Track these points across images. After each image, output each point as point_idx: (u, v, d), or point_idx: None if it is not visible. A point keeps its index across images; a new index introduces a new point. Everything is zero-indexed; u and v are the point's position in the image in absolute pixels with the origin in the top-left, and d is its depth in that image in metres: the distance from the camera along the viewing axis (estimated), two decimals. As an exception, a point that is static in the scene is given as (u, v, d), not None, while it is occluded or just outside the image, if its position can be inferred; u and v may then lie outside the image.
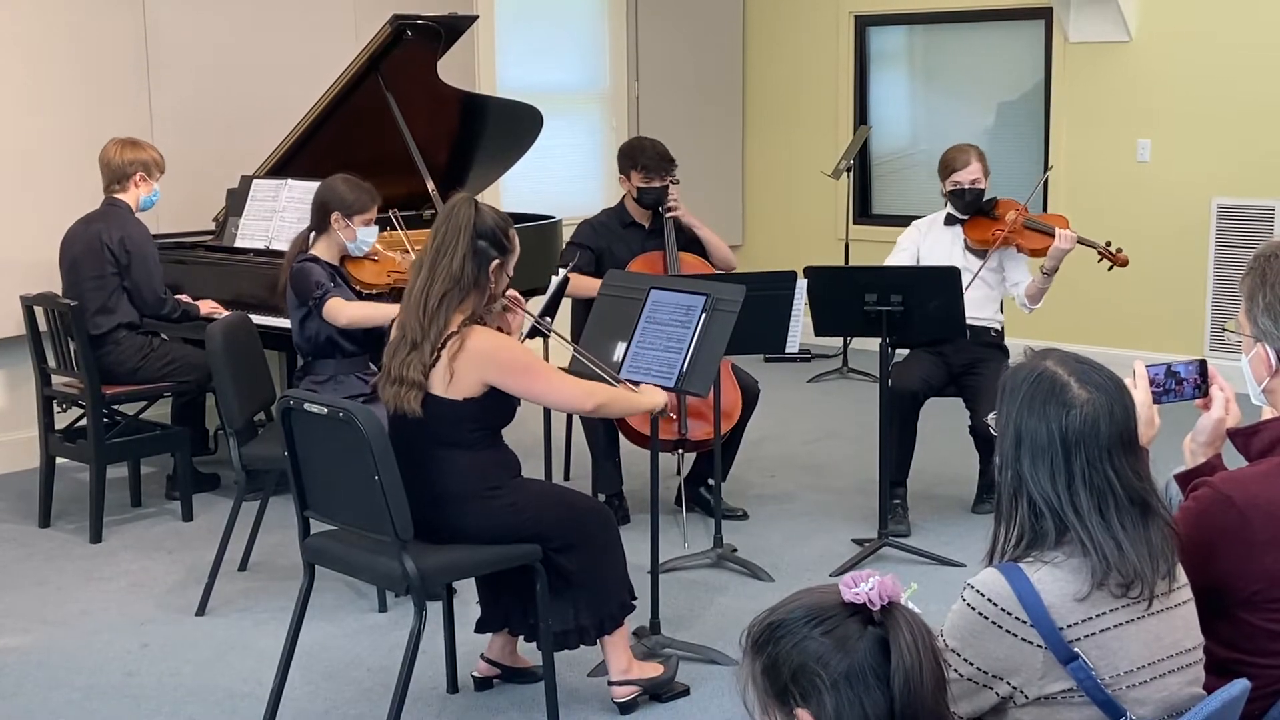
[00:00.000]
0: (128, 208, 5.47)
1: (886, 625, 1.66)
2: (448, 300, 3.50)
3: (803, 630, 1.68)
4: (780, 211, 9.14)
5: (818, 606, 1.70)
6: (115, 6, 6.28)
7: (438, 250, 3.54)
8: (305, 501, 3.68)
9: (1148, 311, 7.64)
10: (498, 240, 3.58)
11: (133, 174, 5.45)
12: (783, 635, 1.69)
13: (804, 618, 1.69)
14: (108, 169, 5.46)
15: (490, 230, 3.57)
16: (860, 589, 1.67)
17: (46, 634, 4.44)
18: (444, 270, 3.51)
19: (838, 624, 1.67)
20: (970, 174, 5.43)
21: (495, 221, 3.59)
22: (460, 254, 3.51)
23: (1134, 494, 2.09)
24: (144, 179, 5.48)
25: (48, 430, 5.47)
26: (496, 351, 3.51)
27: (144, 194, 5.50)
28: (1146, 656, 2.06)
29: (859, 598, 1.67)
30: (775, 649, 1.69)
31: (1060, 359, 2.14)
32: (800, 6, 8.88)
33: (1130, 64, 7.67)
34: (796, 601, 1.73)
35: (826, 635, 1.66)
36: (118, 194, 5.47)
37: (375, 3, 6.75)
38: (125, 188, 5.46)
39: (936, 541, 5.09)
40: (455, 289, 3.51)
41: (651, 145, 5.51)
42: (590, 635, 3.73)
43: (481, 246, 3.55)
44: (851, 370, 7.99)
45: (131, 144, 5.50)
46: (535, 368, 3.60)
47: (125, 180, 5.45)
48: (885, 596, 1.66)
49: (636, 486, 5.40)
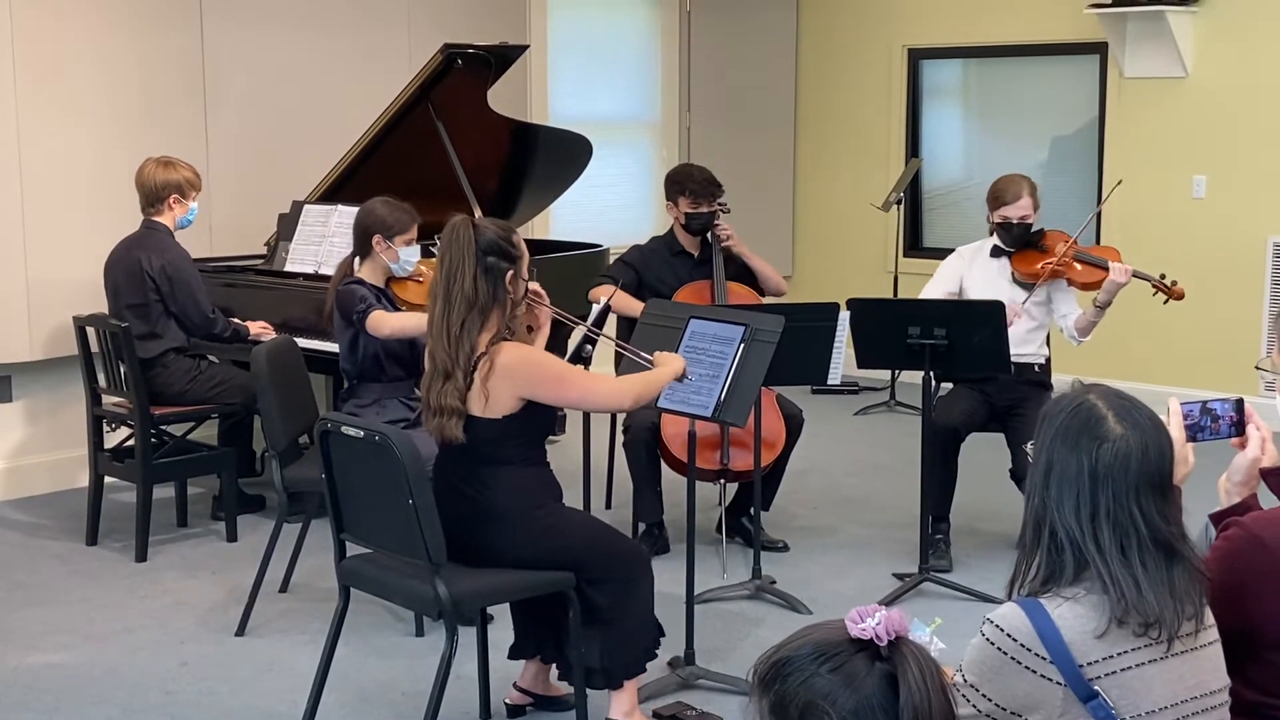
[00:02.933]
0: (166, 230, 5.51)
1: (894, 661, 1.63)
2: (469, 324, 3.51)
3: (810, 667, 1.66)
4: (830, 243, 9.12)
5: (824, 643, 1.68)
6: (173, 30, 6.39)
7: (448, 276, 3.54)
8: (341, 524, 3.70)
9: (1201, 350, 7.55)
10: (504, 251, 3.58)
11: (166, 197, 5.48)
12: (790, 672, 1.67)
13: (811, 654, 1.67)
14: (143, 190, 5.51)
15: (494, 244, 3.56)
16: (866, 624, 1.64)
17: (88, 651, 4.48)
18: (459, 295, 3.51)
19: (845, 660, 1.65)
20: (1020, 209, 5.33)
21: (496, 233, 3.58)
22: (470, 275, 3.51)
23: (1158, 536, 2.06)
24: (178, 200, 5.51)
25: (97, 449, 5.54)
26: (527, 365, 3.52)
27: (180, 215, 5.53)
28: (1170, 697, 2.04)
29: (865, 633, 1.64)
30: (782, 686, 1.67)
31: (1103, 394, 2.13)
32: (853, 39, 8.89)
33: (1186, 100, 7.60)
34: (803, 638, 1.71)
35: (834, 672, 1.64)
36: (155, 216, 5.51)
37: (430, 31, 6.82)
38: (160, 210, 5.50)
39: (979, 578, 5.04)
40: (474, 311, 3.52)
41: (698, 170, 5.52)
42: (616, 678, 3.72)
43: (490, 262, 3.55)
44: (898, 404, 7.95)
45: (165, 164, 5.51)
46: (567, 375, 3.60)
47: (160, 204, 5.49)
48: (892, 631, 1.64)
49: (677, 516, 5.38)
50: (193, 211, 5.59)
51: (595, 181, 7.19)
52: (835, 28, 8.95)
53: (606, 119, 8.16)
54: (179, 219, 5.55)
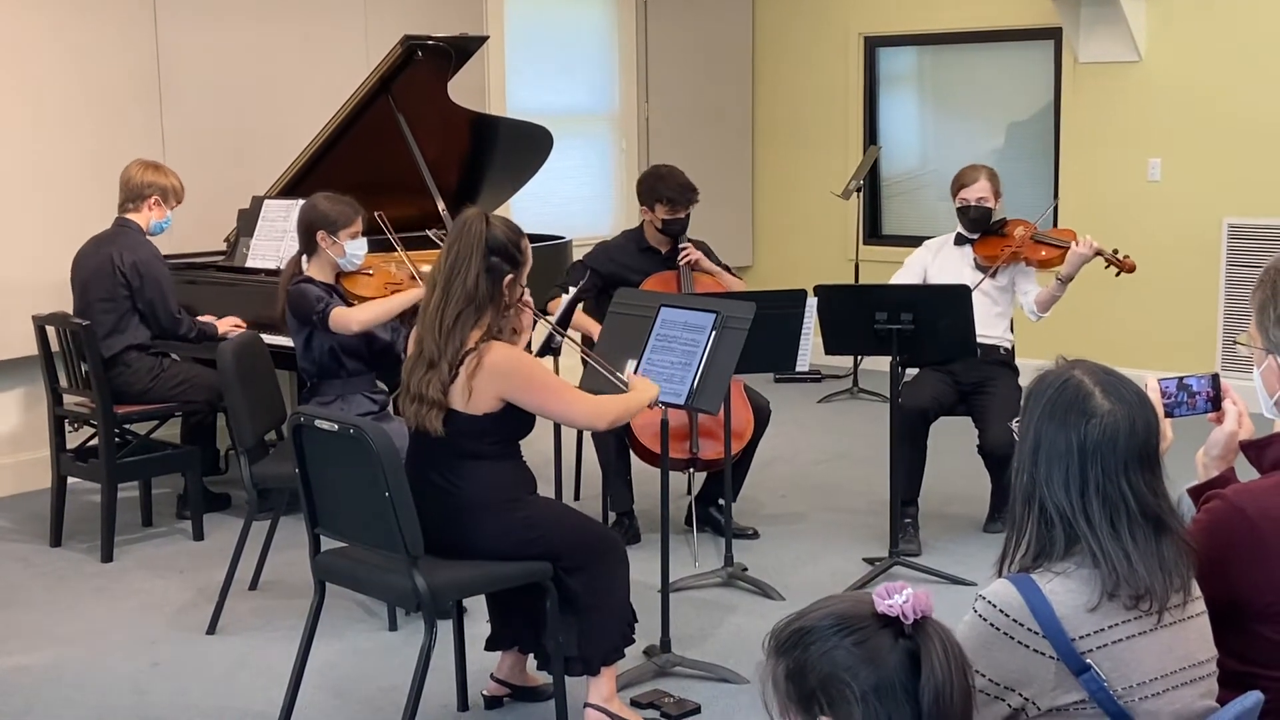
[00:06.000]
0: (138, 229, 5.48)
1: (918, 639, 1.62)
2: (464, 318, 3.51)
3: (832, 639, 1.64)
4: (790, 232, 9.14)
5: (848, 615, 1.67)
6: (127, 28, 6.32)
7: (452, 268, 3.54)
8: (316, 518, 3.68)
9: (1160, 331, 7.62)
10: (510, 254, 3.58)
11: (148, 196, 5.46)
12: (811, 642, 1.66)
13: (833, 626, 1.66)
14: (125, 187, 5.47)
15: (503, 245, 3.57)
16: (894, 601, 1.64)
17: (57, 653, 4.43)
18: (459, 288, 3.51)
19: (869, 635, 1.64)
20: (977, 191, 5.45)
21: (507, 235, 3.59)
22: (474, 271, 3.52)
23: (1147, 509, 2.08)
24: (158, 203, 5.49)
25: (59, 450, 5.47)
26: (514, 368, 3.52)
27: (155, 218, 5.51)
28: (1159, 668, 2.05)
29: (893, 610, 1.63)
30: (803, 654, 1.66)
31: (1089, 369, 2.13)
32: (810, 28, 8.91)
33: (1140, 84, 7.67)
34: (825, 608, 1.69)
35: (857, 646, 1.63)
36: (130, 214, 5.48)
37: (386, 24, 6.78)
38: (139, 208, 5.47)
39: (948, 561, 5.07)
40: (470, 307, 3.51)
41: (673, 176, 5.44)
42: (594, 665, 3.71)
43: (495, 262, 3.55)
44: (862, 390, 7.98)
45: (154, 167, 5.52)
46: (551, 385, 3.61)
47: (140, 201, 5.46)
48: (919, 610, 1.64)
49: (647, 506, 5.40)
50: (168, 220, 5.56)
51: (555, 174, 7.17)
52: (792, 16, 8.97)
53: (565, 111, 8.13)
54: (153, 223, 5.51)
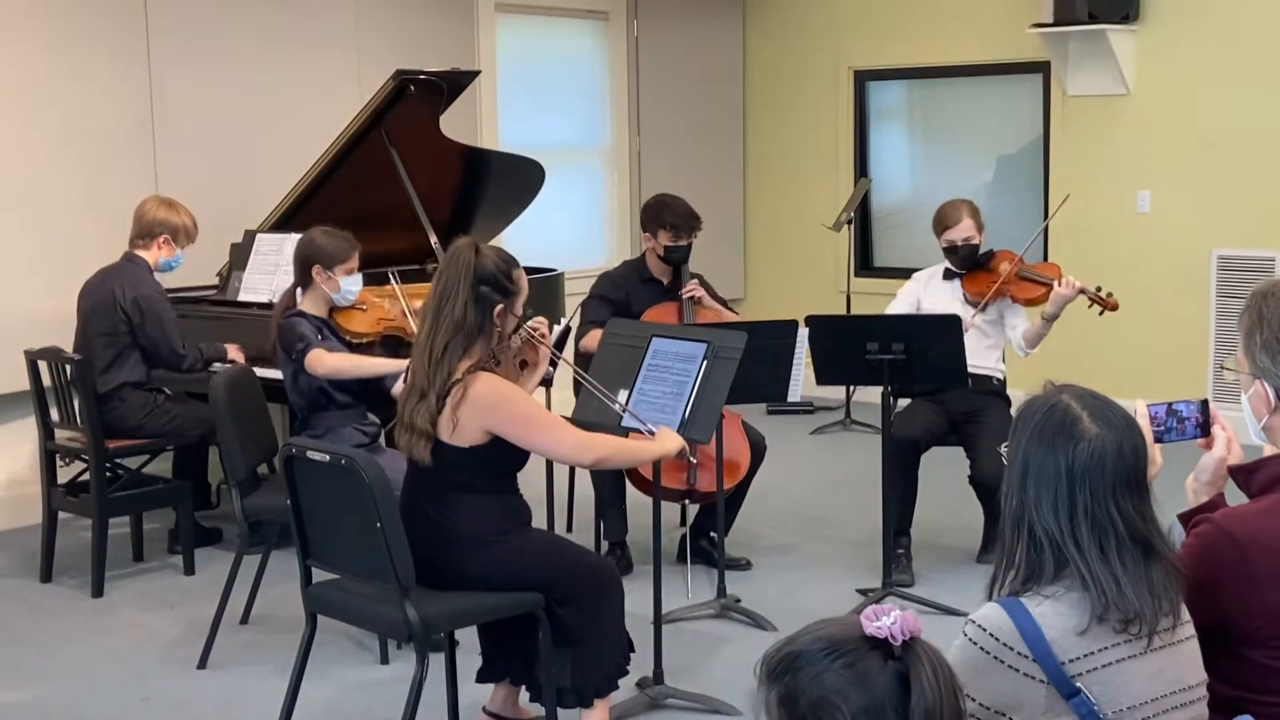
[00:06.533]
0: (145, 265, 5.48)
1: (908, 661, 1.63)
2: (452, 348, 3.50)
3: (822, 662, 1.65)
4: (781, 264, 9.17)
5: (837, 639, 1.67)
6: (121, 63, 6.34)
7: (441, 297, 3.54)
8: (307, 550, 3.67)
9: (1150, 362, 7.64)
10: (500, 284, 3.58)
11: (158, 235, 5.47)
12: (801, 666, 1.66)
13: (823, 650, 1.66)
14: (139, 222, 5.49)
15: (492, 275, 3.57)
16: (883, 623, 1.64)
17: (48, 688, 4.41)
18: (447, 318, 3.51)
19: (858, 658, 1.64)
20: (962, 231, 5.48)
21: (497, 265, 3.59)
22: (462, 301, 3.51)
23: (1136, 533, 2.08)
24: (168, 242, 5.49)
25: (50, 485, 5.46)
26: (498, 401, 3.50)
27: (164, 257, 5.51)
28: (1149, 692, 2.05)
29: (881, 631, 1.64)
30: (794, 680, 1.66)
31: (1077, 394, 2.14)
32: (800, 61, 8.96)
33: (1129, 117, 7.72)
34: (815, 632, 1.69)
35: (847, 669, 1.63)
36: (139, 250, 5.48)
37: (379, 59, 6.81)
38: (148, 245, 5.48)
39: (941, 591, 5.06)
40: (459, 336, 3.51)
41: (678, 203, 5.49)
42: (588, 697, 3.70)
43: (484, 292, 3.55)
44: (854, 422, 7.99)
45: (168, 205, 5.52)
46: (536, 418, 3.57)
47: (150, 239, 5.48)
48: (907, 631, 1.64)
49: (640, 537, 5.39)
50: (179, 259, 5.56)
51: (548, 207, 7.19)
52: (782, 50, 9.02)
53: (556, 144, 8.16)
54: (162, 261, 5.52)
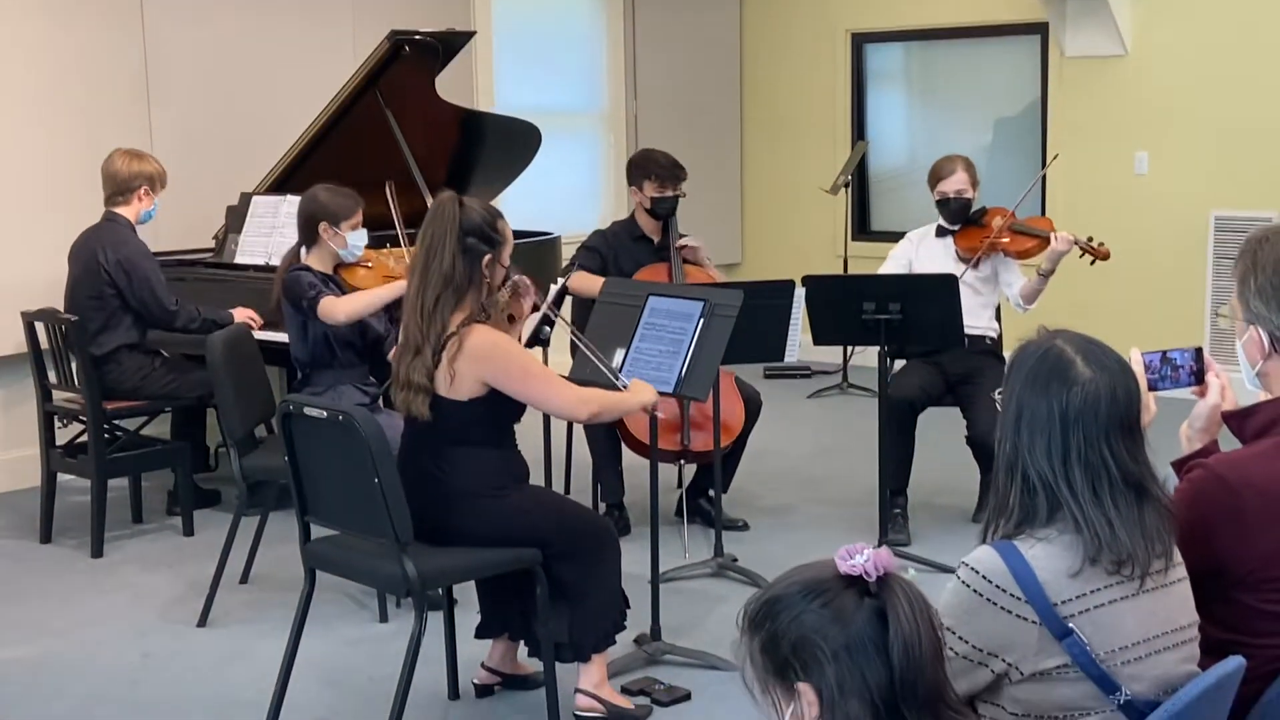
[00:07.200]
0: (127, 223, 5.42)
1: (883, 596, 1.66)
2: (443, 302, 3.51)
3: (800, 604, 1.68)
4: (779, 228, 9.16)
5: (814, 580, 1.70)
6: (116, 25, 6.32)
7: (428, 252, 3.53)
8: (305, 507, 3.68)
9: (1147, 323, 7.63)
10: (486, 235, 3.57)
11: (137, 188, 5.40)
12: (780, 610, 1.69)
13: (800, 592, 1.69)
14: (112, 180, 5.39)
15: (477, 226, 3.56)
16: (855, 561, 1.67)
17: (49, 645, 4.44)
18: (436, 272, 3.51)
19: (835, 596, 1.67)
20: (955, 184, 5.47)
21: (482, 216, 3.58)
22: (450, 253, 3.51)
23: (1129, 476, 2.09)
24: (147, 193, 5.44)
25: (49, 446, 5.47)
26: (494, 352, 3.51)
27: (145, 208, 5.45)
28: (1141, 633, 2.07)
29: (855, 569, 1.67)
30: (774, 624, 1.69)
31: (1070, 338, 2.15)
32: (796, 24, 8.93)
33: (1126, 78, 7.70)
34: (792, 577, 1.73)
35: (824, 608, 1.66)
36: (119, 207, 5.41)
37: (374, 20, 6.78)
38: (128, 200, 5.41)
39: (937, 550, 5.08)
40: (449, 290, 3.51)
41: (662, 155, 5.53)
42: (584, 652, 3.72)
43: (470, 243, 3.54)
44: (851, 385, 8.00)
45: (137, 156, 5.43)
46: (533, 371, 3.58)
47: (129, 194, 5.40)
48: (880, 567, 1.67)
49: (638, 498, 5.40)
50: (155, 206, 5.50)
51: (545, 171, 7.18)
52: (778, 13, 8.99)
53: (553, 109, 8.14)
54: (142, 213, 5.46)
